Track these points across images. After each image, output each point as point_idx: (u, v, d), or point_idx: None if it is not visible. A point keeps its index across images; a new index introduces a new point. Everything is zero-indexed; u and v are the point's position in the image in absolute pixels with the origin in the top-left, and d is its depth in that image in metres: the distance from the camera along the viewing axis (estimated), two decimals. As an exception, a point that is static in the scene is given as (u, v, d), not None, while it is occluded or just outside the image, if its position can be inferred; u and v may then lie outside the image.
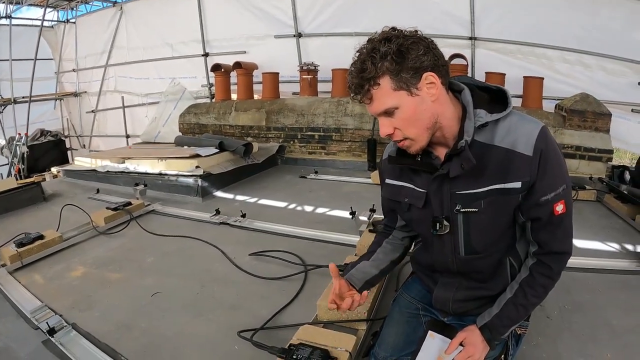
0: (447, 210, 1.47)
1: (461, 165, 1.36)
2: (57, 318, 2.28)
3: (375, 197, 1.65)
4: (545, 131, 1.33)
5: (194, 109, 7.39)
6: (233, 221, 3.79)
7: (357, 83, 1.32)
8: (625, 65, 5.48)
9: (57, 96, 11.04)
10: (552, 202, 1.36)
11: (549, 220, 1.38)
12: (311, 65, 6.81)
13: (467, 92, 1.40)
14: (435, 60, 1.29)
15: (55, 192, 4.86)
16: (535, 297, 1.46)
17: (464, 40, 6.35)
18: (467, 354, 1.49)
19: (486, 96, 1.42)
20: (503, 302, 1.49)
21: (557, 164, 1.35)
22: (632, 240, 3.27)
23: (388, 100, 1.31)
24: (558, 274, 1.45)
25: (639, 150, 5.72)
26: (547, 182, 1.34)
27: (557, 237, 1.41)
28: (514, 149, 1.32)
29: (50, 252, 3.16)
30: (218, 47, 8.30)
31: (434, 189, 1.47)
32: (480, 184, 1.38)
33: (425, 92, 1.30)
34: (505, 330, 1.49)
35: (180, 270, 2.94)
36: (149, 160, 5.07)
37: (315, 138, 6.43)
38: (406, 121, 1.34)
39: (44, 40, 10.55)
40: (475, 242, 1.48)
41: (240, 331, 2.07)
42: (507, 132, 1.34)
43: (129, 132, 9.71)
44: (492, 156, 1.35)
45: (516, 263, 1.52)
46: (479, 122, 1.35)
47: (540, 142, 1.31)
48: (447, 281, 1.64)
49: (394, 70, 1.26)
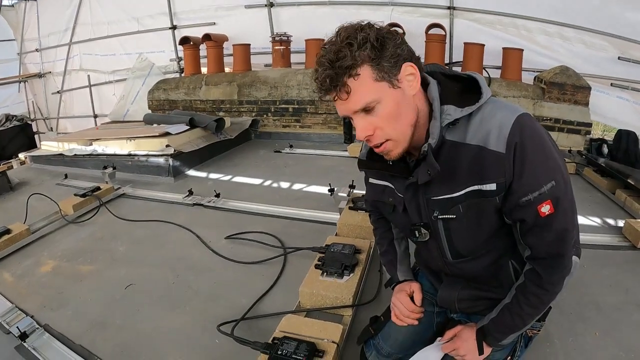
0: (425, 216, 1.34)
1: (427, 171, 1.21)
2: (29, 320, 2.18)
3: (353, 172, 1.56)
4: (522, 120, 1.13)
5: (163, 85, 7.18)
6: (207, 202, 3.71)
7: (331, 75, 1.11)
8: (605, 39, 5.44)
9: (21, 78, 10.64)
10: (535, 202, 1.16)
11: (534, 222, 1.19)
12: (284, 35, 6.61)
13: (434, 85, 1.23)
14: (410, 52, 1.17)
15: (22, 180, 4.67)
16: (530, 306, 1.30)
17: (443, 10, 6.19)
18: (453, 346, 1.44)
19: (457, 87, 1.25)
20: (500, 308, 1.37)
21: (540, 159, 1.15)
22: (612, 214, 3.28)
23: (369, 93, 1.12)
24: (550, 283, 1.26)
25: (616, 124, 5.72)
26: (527, 181, 1.15)
27: (545, 240, 1.21)
28: (485, 145, 1.15)
29: (18, 247, 3.03)
30: (186, 19, 7.96)
31: (409, 196, 1.35)
32: (455, 187, 1.23)
33: (406, 84, 1.16)
34: (502, 337, 1.38)
35: (153, 259, 2.84)
36: (118, 140, 4.89)
37: (290, 111, 6.30)
38: (389, 117, 1.16)
39: (4, 20, 10.13)
40: (460, 247, 1.36)
41: (220, 324, 1.98)
42: (479, 126, 1.17)
43: (97, 112, 9.40)
44: (464, 156, 1.19)
45: (519, 266, 1.37)
46: (446, 120, 1.19)
47: (514, 135, 1.12)
48: (451, 280, 1.53)
49: (376, 58, 1.10)
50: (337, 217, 3.02)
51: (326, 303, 2.06)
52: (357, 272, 2.24)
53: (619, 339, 1.96)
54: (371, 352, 1.71)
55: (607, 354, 1.88)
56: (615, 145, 4.32)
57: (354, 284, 2.16)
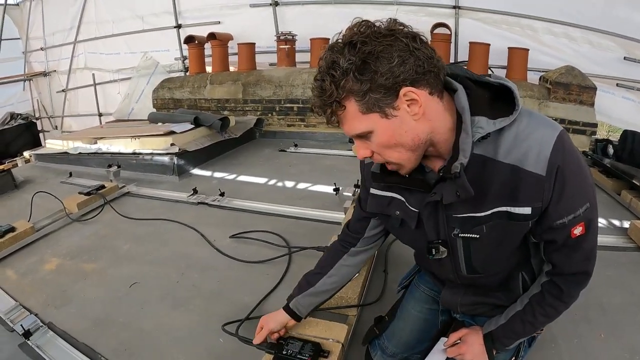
0: (443, 234, 1.24)
1: (456, 192, 1.08)
2: (33, 318, 2.17)
3: (358, 171, 1.50)
4: (563, 140, 1.03)
5: (167, 84, 7.19)
6: (211, 201, 3.69)
7: (318, 105, 1.06)
8: (610, 39, 5.43)
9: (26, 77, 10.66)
10: (569, 225, 1.10)
11: (564, 243, 1.14)
12: (289, 34, 6.62)
13: (462, 93, 1.08)
14: (417, 68, 0.98)
15: (27, 179, 4.66)
16: (544, 316, 1.28)
17: (448, 9, 6.20)
18: (459, 351, 1.42)
19: (487, 95, 1.11)
20: (511, 314, 1.34)
21: (579, 182, 1.07)
22: (618, 215, 3.25)
23: (358, 125, 1.05)
24: (570, 296, 1.24)
25: (622, 124, 5.69)
26: (564, 205, 1.07)
27: (574, 260, 1.18)
28: (522, 166, 1.04)
29: (22, 244, 3.01)
30: (191, 18, 7.98)
31: (427, 212, 1.23)
32: (482, 206, 1.13)
33: (405, 111, 1.02)
34: (510, 342, 1.37)
35: (158, 257, 2.84)
36: (122, 139, 4.89)
37: (294, 110, 6.30)
38: (383, 146, 1.08)
39: (10, 19, 10.15)
40: (478, 265, 1.29)
41: (225, 324, 1.95)
42: (514, 142, 1.04)
43: (102, 111, 9.42)
44: (495, 174, 1.07)
45: (529, 278, 1.34)
46: (478, 134, 1.05)
47: (556, 157, 1.01)
48: (453, 285, 1.49)
49: (359, 92, 0.99)
50: (342, 216, 3.01)
51: (331, 303, 2.04)
52: (362, 272, 2.23)
53: (624, 340, 1.94)
54: (376, 352, 1.70)
55: (612, 355, 1.86)
56: (621, 146, 4.29)
57: (358, 284, 2.15)
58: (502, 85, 1.10)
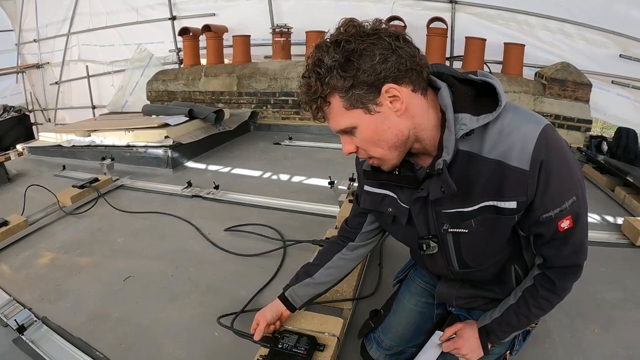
0: (433, 229, 1.28)
1: (441, 188, 1.12)
2: (27, 312, 2.16)
3: (353, 165, 1.52)
4: (547, 134, 1.05)
5: (161, 76, 7.14)
6: (206, 193, 3.69)
7: (305, 101, 1.12)
8: (606, 36, 5.45)
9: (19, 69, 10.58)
10: (556, 219, 1.12)
11: (552, 236, 1.17)
12: (284, 27, 6.58)
13: (446, 90, 1.12)
14: (399, 65, 1.03)
15: (20, 172, 4.63)
16: (538, 308, 1.30)
17: (444, 4, 6.17)
18: (455, 346, 1.43)
19: (471, 91, 1.14)
20: (505, 308, 1.36)
21: (564, 175, 1.09)
22: (611, 212, 3.27)
23: (342, 120, 1.11)
24: (562, 289, 1.27)
25: (616, 121, 5.74)
26: (550, 198, 1.10)
27: (563, 253, 1.20)
28: (506, 161, 1.07)
29: (16, 238, 2.99)
30: (185, 9, 7.91)
31: (417, 208, 1.27)
32: (469, 201, 1.16)
33: (387, 107, 1.07)
34: (505, 335, 1.39)
35: (152, 251, 2.83)
36: (116, 132, 4.84)
37: (289, 103, 6.27)
38: (367, 142, 1.13)
39: (2, 10, 10.05)
40: (469, 260, 1.32)
41: (220, 317, 1.94)
42: (498, 138, 1.07)
43: (95, 103, 9.36)
44: (481, 170, 1.11)
45: (522, 271, 1.37)
46: (461, 131, 1.08)
47: (539, 152, 1.04)
48: (448, 279, 1.52)
49: (343, 88, 1.04)
50: (337, 209, 3.01)
51: (326, 297, 2.03)
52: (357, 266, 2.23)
53: (618, 335, 1.96)
54: (372, 345, 1.71)
55: (606, 350, 1.88)
56: (615, 143, 4.33)
57: (354, 277, 2.16)
58: (485, 82, 1.13)
